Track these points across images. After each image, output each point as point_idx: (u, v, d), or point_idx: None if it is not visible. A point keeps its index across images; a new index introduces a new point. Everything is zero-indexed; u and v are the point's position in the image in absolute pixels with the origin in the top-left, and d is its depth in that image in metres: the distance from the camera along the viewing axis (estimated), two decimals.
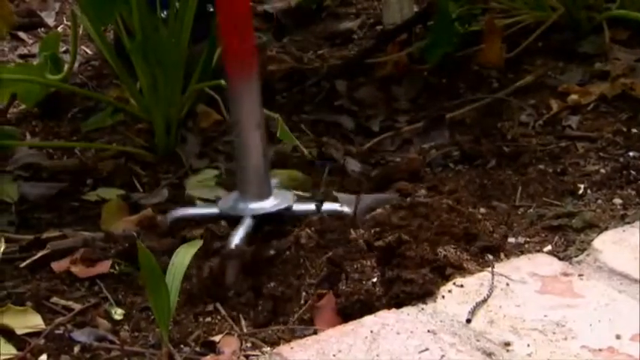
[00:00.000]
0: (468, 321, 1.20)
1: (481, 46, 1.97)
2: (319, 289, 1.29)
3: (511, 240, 1.40)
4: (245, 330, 1.25)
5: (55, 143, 1.83)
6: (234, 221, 1.42)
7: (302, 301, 1.28)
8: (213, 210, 1.47)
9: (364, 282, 1.27)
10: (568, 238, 1.40)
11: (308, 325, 1.25)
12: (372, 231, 1.36)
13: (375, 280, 1.27)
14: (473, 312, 1.22)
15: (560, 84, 1.86)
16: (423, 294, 1.25)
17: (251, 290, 1.30)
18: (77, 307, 1.32)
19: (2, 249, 1.39)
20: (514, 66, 1.94)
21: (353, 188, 1.55)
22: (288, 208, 1.44)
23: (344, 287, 1.27)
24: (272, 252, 1.35)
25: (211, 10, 1.85)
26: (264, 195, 1.44)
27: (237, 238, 1.37)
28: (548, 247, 1.38)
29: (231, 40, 1.41)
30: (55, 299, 1.34)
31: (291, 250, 1.35)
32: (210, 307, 1.30)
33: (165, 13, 1.69)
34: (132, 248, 1.33)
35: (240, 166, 1.44)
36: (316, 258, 1.34)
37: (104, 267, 1.39)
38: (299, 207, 1.46)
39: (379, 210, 1.43)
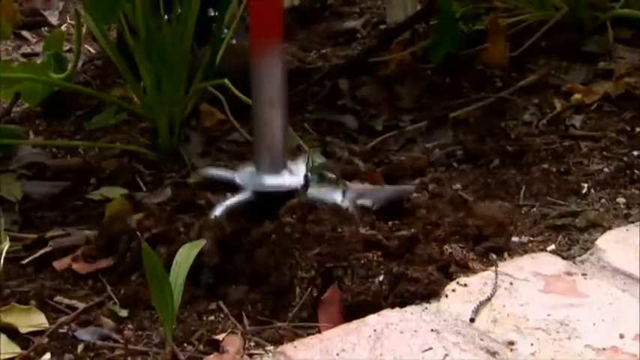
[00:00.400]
0: (472, 320, 1.20)
1: (485, 45, 1.97)
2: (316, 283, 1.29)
3: (515, 239, 1.40)
4: (248, 328, 1.25)
5: (58, 142, 1.83)
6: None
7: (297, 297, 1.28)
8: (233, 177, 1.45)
9: (370, 279, 1.27)
10: (571, 237, 1.40)
11: (310, 322, 1.25)
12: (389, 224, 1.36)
13: (381, 278, 1.27)
14: (476, 311, 1.22)
15: (564, 83, 1.86)
16: (427, 294, 1.25)
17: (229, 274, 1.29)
18: (81, 305, 1.32)
19: (6, 248, 1.39)
20: (518, 65, 1.94)
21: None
22: (296, 189, 1.40)
23: (349, 284, 1.27)
24: (254, 234, 1.33)
25: (212, 14, 1.86)
26: (278, 172, 1.42)
27: (220, 209, 1.35)
28: (552, 247, 1.38)
29: (258, 14, 1.40)
30: (58, 298, 1.34)
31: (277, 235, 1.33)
32: (214, 306, 1.30)
33: (167, 15, 1.69)
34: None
35: (256, 143, 1.43)
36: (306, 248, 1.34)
37: (105, 263, 1.39)
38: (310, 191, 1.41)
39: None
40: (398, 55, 2.01)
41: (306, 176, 1.42)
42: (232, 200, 1.40)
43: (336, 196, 1.41)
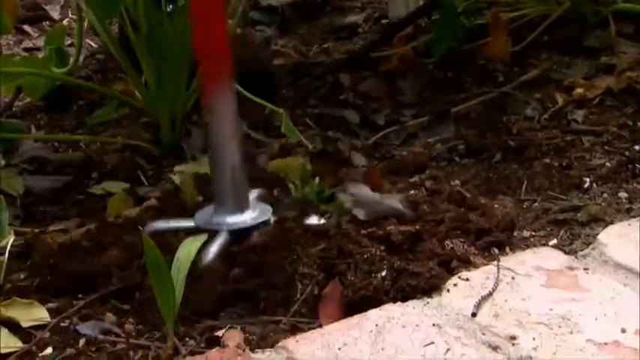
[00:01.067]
0: (474, 315, 1.20)
1: (487, 39, 1.97)
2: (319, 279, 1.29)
3: (516, 234, 1.40)
4: (249, 322, 1.25)
5: (60, 136, 1.83)
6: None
7: (299, 293, 1.28)
8: (189, 223, 1.41)
9: (373, 275, 1.27)
10: (573, 232, 1.40)
11: (312, 317, 1.25)
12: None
13: (384, 273, 1.27)
14: (478, 306, 1.21)
15: (566, 78, 1.85)
16: (429, 288, 1.25)
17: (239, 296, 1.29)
18: (83, 299, 1.32)
19: (11, 241, 1.39)
20: (520, 60, 1.94)
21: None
22: (266, 223, 1.39)
23: (352, 279, 1.27)
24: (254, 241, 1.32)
25: None
26: (242, 208, 1.39)
27: (210, 254, 1.32)
28: (554, 241, 1.38)
29: (204, 47, 1.36)
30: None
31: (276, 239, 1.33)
32: None
33: (170, 7, 1.69)
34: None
35: (216, 179, 1.40)
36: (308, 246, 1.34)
37: None
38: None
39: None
40: (400, 49, 2.01)
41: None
42: (217, 244, 1.34)
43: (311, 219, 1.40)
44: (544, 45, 1.97)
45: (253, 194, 1.45)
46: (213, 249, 1.33)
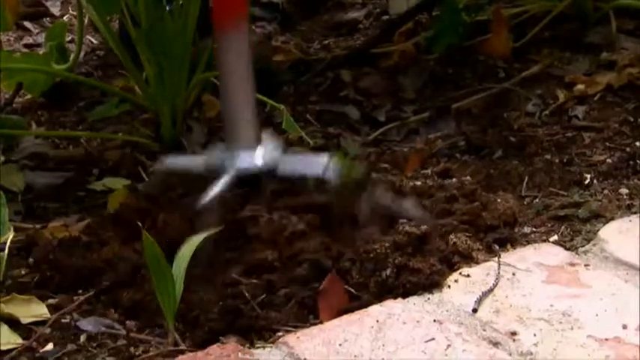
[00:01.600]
0: (474, 311, 1.20)
1: (488, 35, 1.97)
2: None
3: (517, 230, 1.40)
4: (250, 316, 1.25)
5: (60, 133, 1.83)
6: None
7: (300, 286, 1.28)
8: (199, 162, 1.40)
9: (377, 272, 1.27)
10: (574, 228, 1.40)
11: (312, 312, 1.25)
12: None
13: (388, 271, 1.27)
14: (479, 302, 1.21)
15: (567, 74, 1.85)
16: (429, 284, 1.25)
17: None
18: (83, 295, 1.32)
19: (10, 238, 1.39)
20: (521, 56, 1.93)
21: None
22: (275, 164, 1.36)
23: (356, 274, 1.27)
24: (247, 213, 1.30)
25: None
26: (251, 148, 1.37)
27: (210, 195, 1.30)
28: (555, 237, 1.38)
29: None
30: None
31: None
32: None
33: (169, 6, 1.69)
34: None
35: (228, 118, 1.38)
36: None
37: None
38: (287, 163, 1.38)
39: None
40: (401, 45, 2.01)
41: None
42: (220, 184, 1.33)
43: (316, 168, 1.36)
44: (545, 41, 1.97)
45: (264, 135, 1.42)
46: (215, 190, 1.31)
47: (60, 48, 1.85)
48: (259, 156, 1.37)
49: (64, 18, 2.37)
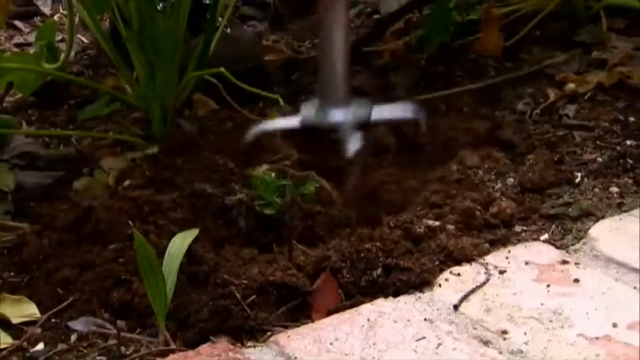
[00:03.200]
0: (455, 307, 1.20)
1: (479, 34, 1.97)
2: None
3: (509, 228, 1.40)
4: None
5: (51, 132, 1.83)
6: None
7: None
8: (294, 122, 1.54)
9: (368, 271, 1.27)
10: (565, 226, 1.40)
11: (305, 309, 1.25)
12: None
13: (379, 270, 1.27)
14: (463, 299, 1.22)
15: (558, 73, 1.85)
16: (420, 283, 1.25)
17: None
18: (74, 294, 1.31)
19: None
20: (512, 55, 1.93)
21: None
22: (367, 117, 1.50)
23: (347, 274, 1.27)
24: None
25: (207, 1, 1.85)
26: (345, 103, 1.51)
27: (352, 147, 1.45)
28: (545, 236, 1.38)
29: None
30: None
31: None
32: None
33: (161, 5, 1.69)
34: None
35: (324, 78, 1.52)
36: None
37: None
38: (379, 112, 1.52)
39: None
40: (392, 44, 2.01)
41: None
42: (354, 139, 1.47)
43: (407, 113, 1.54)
44: (536, 40, 1.97)
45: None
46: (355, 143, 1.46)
47: (50, 47, 1.85)
48: (352, 110, 1.51)
49: (55, 17, 2.36)
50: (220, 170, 1.50)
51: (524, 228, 1.41)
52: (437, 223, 1.36)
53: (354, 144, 1.45)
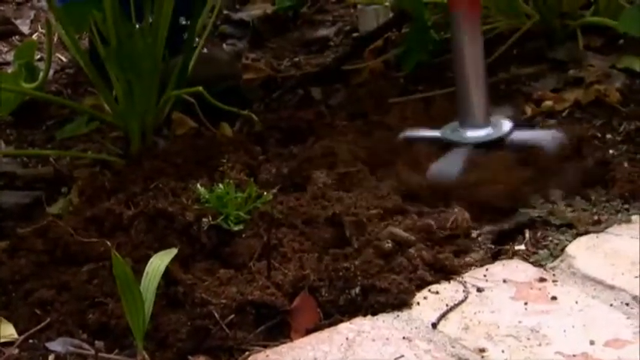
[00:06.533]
0: (434, 326, 1.21)
1: None
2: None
3: (485, 244, 1.41)
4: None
5: (29, 151, 1.82)
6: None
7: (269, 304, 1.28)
8: (436, 134, 1.60)
9: (347, 290, 1.27)
10: (543, 242, 1.40)
11: (284, 328, 1.25)
12: None
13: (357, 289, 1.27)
14: (441, 317, 1.22)
15: (535, 90, 1.86)
16: (398, 304, 1.25)
17: None
18: (52, 315, 1.31)
19: None
20: (489, 72, 1.94)
21: None
22: (502, 138, 1.56)
23: (325, 292, 1.28)
24: None
25: (184, 23, 1.85)
26: (482, 124, 1.57)
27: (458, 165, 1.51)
28: (522, 247, 1.38)
29: None
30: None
31: None
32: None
33: (139, 25, 1.69)
34: None
35: (462, 95, 1.58)
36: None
37: None
38: (516, 136, 1.56)
39: None
40: (371, 63, 2.02)
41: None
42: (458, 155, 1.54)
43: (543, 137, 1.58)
44: (513, 58, 1.98)
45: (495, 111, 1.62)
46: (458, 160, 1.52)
47: (29, 66, 1.84)
48: (490, 131, 1.57)
49: (34, 36, 2.36)
50: (183, 187, 1.50)
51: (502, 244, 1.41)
52: (415, 240, 1.36)
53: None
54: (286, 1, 2.34)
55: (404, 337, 1.19)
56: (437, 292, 1.28)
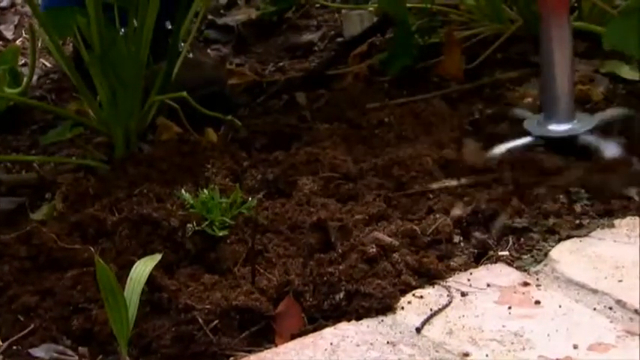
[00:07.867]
0: (418, 330, 1.21)
1: (441, 57, 1.98)
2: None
3: (469, 249, 1.41)
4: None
5: (13, 157, 1.82)
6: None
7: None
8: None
9: (331, 295, 1.27)
10: (526, 247, 1.40)
11: (268, 333, 1.25)
12: None
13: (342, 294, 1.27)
14: (425, 322, 1.22)
15: (519, 94, 1.87)
16: (382, 309, 1.25)
17: None
18: (35, 321, 1.30)
19: None
20: (473, 77, 1.95)
21: None
22: (575, 136, 1.59)
23: (309, 297, 1.27)
24: None
25: (170, 27, 1.85)
26: (567, 119, 1.60)
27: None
28: (506, 253, 1.38)
29: None
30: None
31: None
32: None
33: (123, 30, 1.69)
34: None
35: (547, 91, 1.61)
36: None
37: None
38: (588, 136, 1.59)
39: None
40: (355, 67, 2.02)
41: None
42: (515, 143, 1.60)
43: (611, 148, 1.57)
44: (497, 62, 1.99)
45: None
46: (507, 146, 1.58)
47: (13, 72, 1.84)
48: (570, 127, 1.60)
49: (17, 42, 2.36)
50: (168, 193, 1.50)
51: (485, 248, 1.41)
52: (399, 245, 1.36)
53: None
54: (270, 6, 2.35)
55: (388, 342, 1.19)
56: (421, 297, 1.28)
